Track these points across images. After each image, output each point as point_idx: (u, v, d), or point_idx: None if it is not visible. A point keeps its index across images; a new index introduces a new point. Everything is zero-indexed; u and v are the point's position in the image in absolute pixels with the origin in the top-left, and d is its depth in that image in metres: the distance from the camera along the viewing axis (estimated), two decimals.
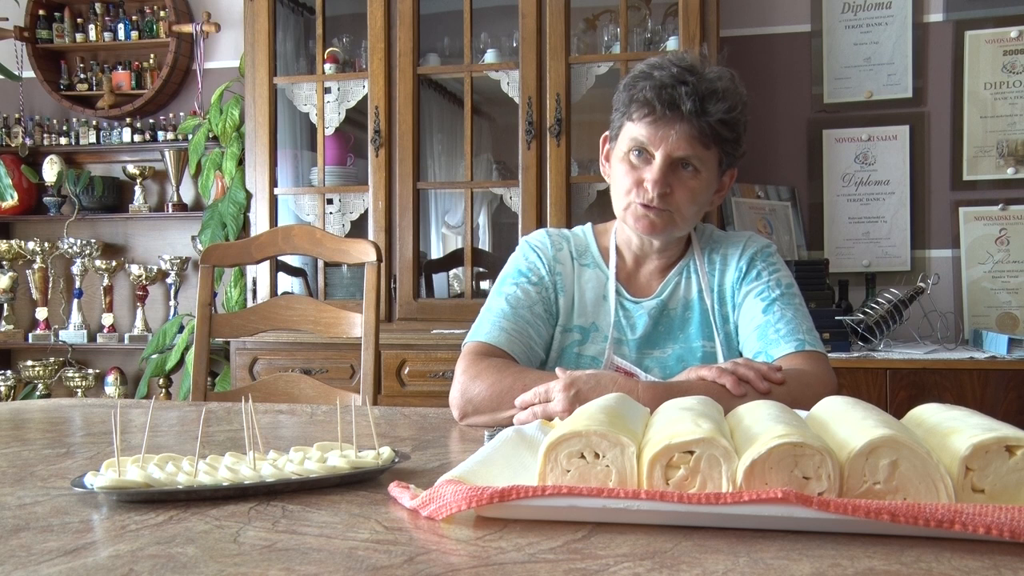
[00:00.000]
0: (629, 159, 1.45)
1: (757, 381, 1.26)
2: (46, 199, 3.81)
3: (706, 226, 1.62)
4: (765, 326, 1.44)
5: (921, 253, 3.16)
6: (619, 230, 1.57)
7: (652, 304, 1.52)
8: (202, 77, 3.69)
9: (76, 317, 3.76)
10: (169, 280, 3.73)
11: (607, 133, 1.54)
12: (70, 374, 3.72)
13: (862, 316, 2.79)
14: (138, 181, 3.73)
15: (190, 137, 3.53)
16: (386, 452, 0.96)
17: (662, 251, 1.54)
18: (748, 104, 1.47)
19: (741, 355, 1.50)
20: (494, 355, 1.44)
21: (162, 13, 3.68)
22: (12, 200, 3.71)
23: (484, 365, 1.39)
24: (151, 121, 3.73)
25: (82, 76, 3.79)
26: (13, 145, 3.76)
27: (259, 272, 3.18)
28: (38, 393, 3.72)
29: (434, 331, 2.92)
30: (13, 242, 3.75)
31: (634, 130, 1.44)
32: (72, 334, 3.72)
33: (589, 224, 1.64)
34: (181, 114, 3.71)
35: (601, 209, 2.91)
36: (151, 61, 3.74)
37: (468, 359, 1.43)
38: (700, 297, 1.52)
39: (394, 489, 0.85)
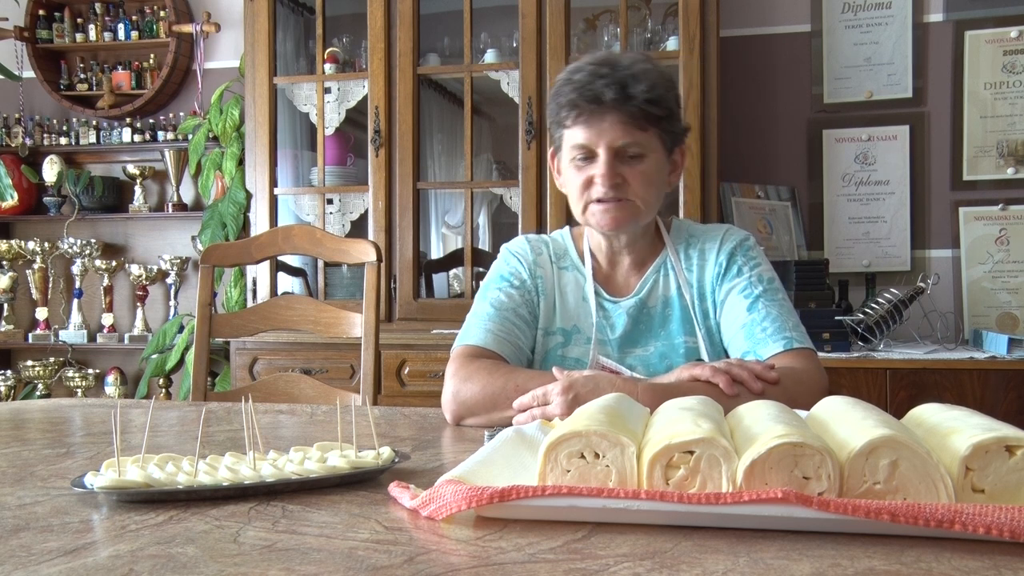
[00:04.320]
0: (576, 163, 1.46)
1: (751, 381, 1.26)
2: (46, 199, 3.81)
3: (682, 221, 1.62)
4: (751, 325, 1.44)
5: (921, 253, 3.16)
6: (589, 234, 1.57)
7: (631, 303, 1.52)
8: (202, 77, 3.69)
9: (76, 317, 3.76)
10: (169, 280, 3.73)
11: (552, 148, 1.56)
12: (70, 374, 3.72)
13: (862, 316, 2.78)
14: (138, 181, 3.73)
15: (190, 137, 3.53)
16: (386, 452, 0.96)
17: (631, 247, 1.54)
18: (672, 81, 1.50)
19: (726, 352, 1.50)
20: (484, 356, 1.44)
21: (162, 13, 3.67)
22: (12, 200, 3.71)
23: (475, 367, 1.39)
24: (151, 121, 3.73)
25: (82, 76, 3.79)
26: (13, 145, 3.76)
27: (259, 272, 3.18)
28: (38, 393, 3.72)
29: (434, 331, 2.92)
30: (13, 242, 3.75)
31: (572, 136, 1.45)
32: (72, 334, 3.72)
33: (567, 227, 1.64)
34: (181, 114, 3.71)
35: None
36: (151, 61, 3.74)
37: (458, 362, 1.43)
38: (679, 293, 1.52)
39: (394, 489, 0.85)
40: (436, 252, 3.65)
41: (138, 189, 3.74)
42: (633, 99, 1.40)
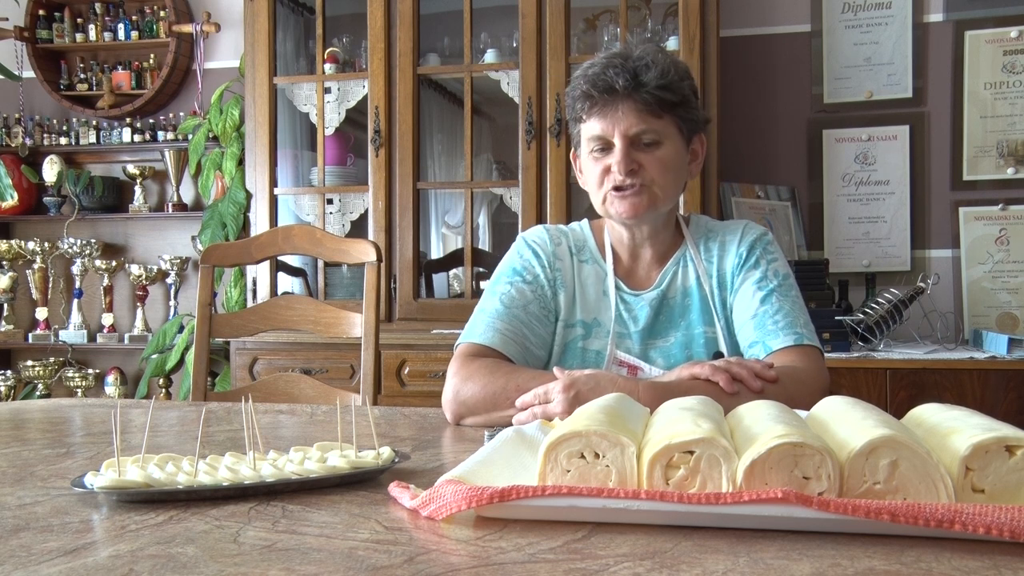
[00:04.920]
0: (594, 155, 1.47)
1: (750, 380, 1.27)
2: (46, 199, 3.81)
3: (700, 217, 1.63)
4: (762, 316, 1.45)
5: (921, 253, 3.16)
6: (610, 228, 1.57)
7: (652, 295, 1.52)
8: (202, 77, 3.69)
9: (76, 317, 3.76)
10: (169, 280, 3.73)
11: (573, 148, 1.57)
12: (70, 374, 3.72)
13: (862, 316, 2.78)
14: (138, 181, 3.73)
15: (190, 137, 3.53)
16: (386, 452, 0.96)
17: (653, 239, 1.54)
18: (687, 70, 1.50)
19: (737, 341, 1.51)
20: (487, 356, 1.44)
21: (162, 13, 3.68)
22: (12, 200, 3.71)
23: (476, 366, 1.39)
24: (151, 121, 3.73)
25: (82, 76, 3.79)
26: (13, 145, 3.76)
27: (259, 272, 3.18)
28: (38, 393, 3.72)
29: (434, 331, 2.92)
30: (13, 242, 3.75)
31: (588, 128, 1.47)
32: (72, 334, 3.72)
33: (586, 220, 1.64)
34: (181, 114, 3.71)
35: None
36: (151, 61, 3.74)
37: (460, 360, 1.43)
38: (699, 284, 1.53)
39: (394, 489, 0.84)
40: (436, 252, 3.65)
41: (138, 189, 3.74)
42: (645, 86, 1.41)
